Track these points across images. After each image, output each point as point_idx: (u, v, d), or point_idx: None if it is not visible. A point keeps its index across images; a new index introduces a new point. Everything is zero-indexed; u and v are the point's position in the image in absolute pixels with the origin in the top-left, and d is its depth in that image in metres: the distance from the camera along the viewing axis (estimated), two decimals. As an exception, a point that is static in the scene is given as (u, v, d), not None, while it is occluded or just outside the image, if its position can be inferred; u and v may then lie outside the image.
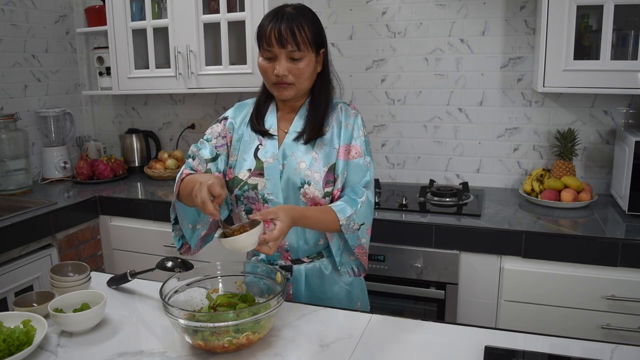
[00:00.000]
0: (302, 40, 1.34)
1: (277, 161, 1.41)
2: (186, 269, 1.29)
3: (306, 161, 1.40)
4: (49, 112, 2.76)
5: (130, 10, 2.55)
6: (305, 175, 1.39)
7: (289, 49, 1.34)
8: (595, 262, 1.78)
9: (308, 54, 1.37)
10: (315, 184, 1.39)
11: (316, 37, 1.38)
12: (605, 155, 2.30)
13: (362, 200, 1.41)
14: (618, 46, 2.00)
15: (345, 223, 1.36)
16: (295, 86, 1.39)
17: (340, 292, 1.47)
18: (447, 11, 2.40)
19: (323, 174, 1.40)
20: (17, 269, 2.03)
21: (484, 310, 1.95)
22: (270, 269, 1.28)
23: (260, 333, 1.12)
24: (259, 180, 1.40)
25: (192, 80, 2.48)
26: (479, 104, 2.43)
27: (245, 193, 1.42)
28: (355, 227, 1.39)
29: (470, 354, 1.10)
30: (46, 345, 1.16)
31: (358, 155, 1.44)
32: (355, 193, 1.42)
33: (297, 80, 1.38)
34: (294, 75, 1.37)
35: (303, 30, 1.34)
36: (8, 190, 2.50)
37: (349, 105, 1.51)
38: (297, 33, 1.33)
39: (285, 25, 1.33)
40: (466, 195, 2.27)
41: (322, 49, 1.42)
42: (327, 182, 1.41)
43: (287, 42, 1.33)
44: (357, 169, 1.44)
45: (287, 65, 1.35)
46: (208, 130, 1.52)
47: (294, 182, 1.39)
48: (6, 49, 2.61)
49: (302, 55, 1.35)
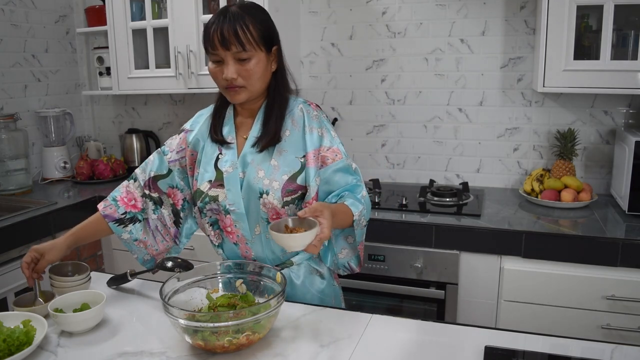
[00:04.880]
0: (246, 40, 1.26)
1: (236, 170, 1.35)
2: (186, 269, 1.29)
3: (264, 169, 1.34)
4: (49, 112, 2.76)
5: (130, 10, 2.55)
6: (264, 184, 1.32)
7: (234, 50, 1.27)
8: (595, 262, 1.78)
9: (256, 53, 1.29)
10: (274, 193, 1.32)
11: (264, 34, 1.30)
12: (605, 155, 2.30)
13: (363, 194, 1.37)
14: (618, 46, 2.00)
15: (357, 218, 1.32)
16: (247, 89, 1.31)
17: (313, 300, 1.40)
18: (447, 11, 2.40)
19: (282, 183, 1.33)
20: (17, 269, 2.03)
21: (484, 310, 1.95)
22: (270, 269, 1.28)
23: (260, 333, 1.12)
24: (219, 191, 1.36)
25: (192, 80, 2.48)
26: (479, 104, 2.44)
27: (207, 205, 1.38)
28: (364, 224, 1.36)
29: (470, 354, 1.10)
30: (46, 345, 1.16)
31: (338, 158, 1.36)
32: (352, 192, 1.37)
33: (247, 82, 1.30)
34: (243, 77, 1.30)
35: (247, 29, 1.27)
36: (8, 190, 2.50)
37: (310, 104, 1.41)
38: (240, 33, 1.26)
39: (228, 26, 1.26)
40: (466, 195, 2.27)
41: (275, 47, 1.35)
42: (287, 191, 1.33)
43: (230, 43, 1.26)
44: (341, 171, 1.37)
45: (235, 67, 1.28)
46: (167, 141, 1.49)
47: (253, 190, 1.33)
48: (6, 49, 2.61)
49: (249, 55, 1.28)
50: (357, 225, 1.34)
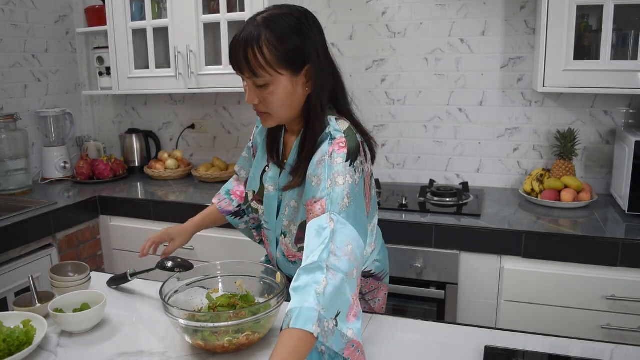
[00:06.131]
0: (258, 65, 1.09)
1: (276, 192, 1.29)
2: (186, 269, 1.29)
3: (289, 208, 1.24)
4: (49, 112, 2.76)
5: (130, 10, 2.55)
6: (284, 225, 1.26)
7: (247, 75, 1.12)
8: (595, 262, 1.78)
9: (274, 78, 1.11)
10: (290, 237, 1.25)
11: (285, 54, 1.10)
12: (605, 155, 2.30)
13: (321, 285, 0.95)
14: (618, 46, 2.00)
15: (320, 331, 0.92)
16: (271, 115, 1.17)
17: None
18: (447, 11, 2.40)
19: (297, 229, 1.23)
20: (17, 269, 2.03)
21: (484, 310, 1.95)
22: (270, 269, 1.28)
23: (260, 333, 1.12)
24: (259, 206, 1.37)
25: (192, 80, 2.48)
26: (479, 104, 2.44)
27: (250, 214, 1.43)
28: (332, 326, 0.95)
29: (470, 354, 1.10)
30: (46, 345, 1.16)
31: (321, 212, 1.06)
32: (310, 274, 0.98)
33: (269, 109, 1.16)
34: (263, 104, 1.15)
35: (259, 51, 1.08)
36: (8, 190, 2.50)
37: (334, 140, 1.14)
38: (250, 57, 1.09)
39: (237, 48, 1.11)
40: (466, 195, 2.27)
41: (307, 66, 1.14)
42: (299, 239, 1.23)
43: (240, 69, 1.12)
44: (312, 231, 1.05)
45: (254, 92, 1.14)
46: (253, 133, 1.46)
47: (282, 223, 1.28)
48: (6, 49, 2.61)
49: (265, 82, 1.11)
50: (325, 337, 0.93)
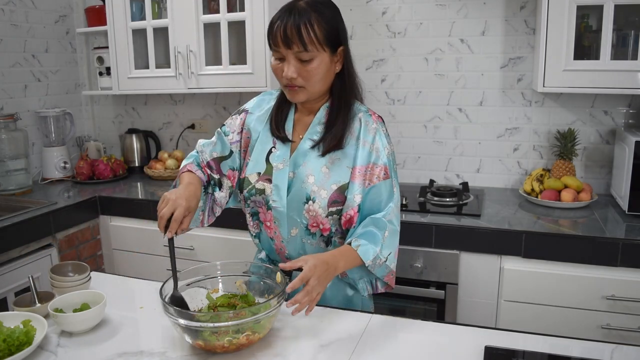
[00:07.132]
0: (309, 40, 1.22)
1: (286, 168, 1.33)
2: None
3: (315, 175, 1.31)
4: (49, 112, 2.76)
5: (130, 10, 2.55)
6: (312, 190, 1.30)
7: (296, 49, 1.23)
8: (595, 262, 1.78)
9: (319, 53, 1.25)
10: (320, 202, 1.29)
11: (329, 34, 1.25)
12: (605, 155, 2.30)
13: (384, 235, 1.28)
14: (618, 46, 2.00)
15: (372, 264, 1.26)
16: (306, 89, 1.28)
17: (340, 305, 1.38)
18: (447, 11, 2.40)
19: (330, 192, 1.30)
20: (17, 269, 2.03)
21: (484, 310, 1.95)
22: (270, 269, 1.27)
23: (260, 333, 1.12)
24: (266, 185, 1.34)
25: (192, 80, 2.48)
26: (479, 104, 2.43)
27: (253, 197, 1.37)
28: (382, 261, 1.28)
29: (470, 354, 1.10)
30: (46, 345, 1.16)
31: (385, 177, 1.30)
32: (377, 226, 1.28)
33: (307, 83, 1.27)
34: (303, 77, 1.26)
35: (311, 28, 1.22)
36: (8, 190, 2.50)
37: (371, 114, 1.35)
38: (303, 32, 1.21)
39: (292, 23, 1.21)
40: (466, 195, 2.27)
41: (341, 47, 1.31)
42: (333, 202, 1.30)
43: (292, 42, 1.22)
44: (380, 193, 1.30)
45: (295, 67, 1.25)
46: (227, 121, 1.45)
47: (300, 194, 1.31)
48: (6, 49, 2.61)
49: (311, 56, 1.24)
50: (374, 267, 1.27)
